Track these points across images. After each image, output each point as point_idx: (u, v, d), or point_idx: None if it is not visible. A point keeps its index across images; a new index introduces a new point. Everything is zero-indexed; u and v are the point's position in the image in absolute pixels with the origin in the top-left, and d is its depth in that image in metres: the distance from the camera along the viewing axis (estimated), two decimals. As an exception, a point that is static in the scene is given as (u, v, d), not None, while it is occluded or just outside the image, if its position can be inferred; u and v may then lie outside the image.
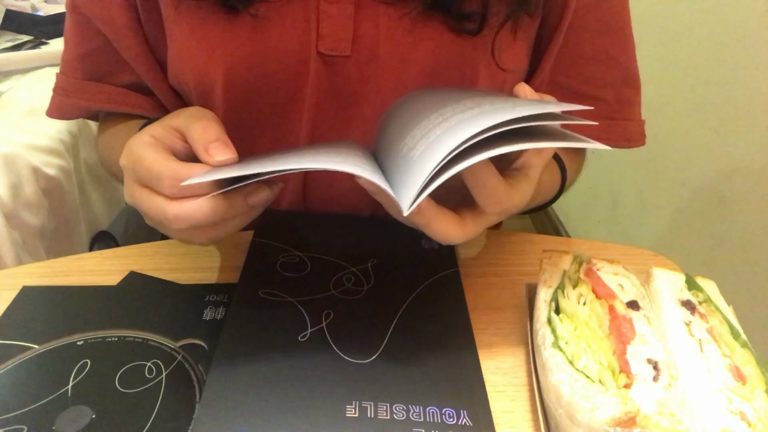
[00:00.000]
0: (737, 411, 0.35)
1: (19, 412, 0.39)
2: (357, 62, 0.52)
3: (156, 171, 0.38)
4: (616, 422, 0.33)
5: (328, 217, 0.60)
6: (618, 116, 0.61)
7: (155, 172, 0.38)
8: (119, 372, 0.42)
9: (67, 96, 0.59)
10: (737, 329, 0.41)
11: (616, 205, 1.56)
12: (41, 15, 1.41)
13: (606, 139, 0.62)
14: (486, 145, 0.32)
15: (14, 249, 0.85)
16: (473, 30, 0.50)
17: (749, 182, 1.06)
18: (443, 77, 0.52)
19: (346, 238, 0.56)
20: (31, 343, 0.44)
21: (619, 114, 0.61)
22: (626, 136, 0.62)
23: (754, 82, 1.04)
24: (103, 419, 0.39)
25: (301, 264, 0.52)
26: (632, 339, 0.39)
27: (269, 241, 0.54)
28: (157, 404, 0.40)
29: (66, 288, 0.50)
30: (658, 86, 1.29)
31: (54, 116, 0.61)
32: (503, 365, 0.44)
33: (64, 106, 0.60)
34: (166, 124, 0.41)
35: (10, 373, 0.42)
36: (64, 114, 0.61)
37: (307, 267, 0.52)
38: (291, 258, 0.52)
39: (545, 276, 0.45)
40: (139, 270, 0.52)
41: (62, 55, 0.59)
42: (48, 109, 0.61)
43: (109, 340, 0.45)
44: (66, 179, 0.99)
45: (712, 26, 1.14)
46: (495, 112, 0.33)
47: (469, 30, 0.50)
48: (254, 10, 0.49)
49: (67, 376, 0.41)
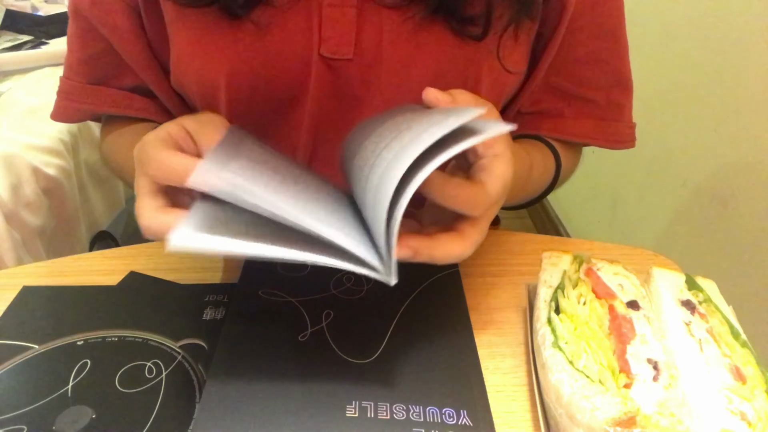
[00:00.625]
0: (737, 411, 0.35)
1: (19, 412, 0.39)
2: (359, 66, 0.52)
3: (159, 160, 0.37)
4: (616, 422, 0.33)
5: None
6: (609, 117, 0.62)
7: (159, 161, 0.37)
8: (119, 372, 0.42)
9: (70, 100, 0.60)
10: (737, 329, 0.41)
11: (616, 205, 1.56)
12: (41, 15, 1.41)
13: (596, 138, 0.63)
14: (417, 170, 0.32)
15: (14, 249, 0.85)
16: (477, 35, 0.51)
17: (749, 182, 1.06)
18: (446, 80, 0.52)
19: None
20: (31, 343, 0.44)
21: (608, 115, 0.62)
22: (616, 137, 0.63)
23: (754, 82, 1.04)
24: (103, 419, 0.39)
25: (301, 264, 0.52)
26: (632, 339, 0.39)
27: None
28: (158, 404, 0.40)
29: (66, 288, 0.50)
30: (658, 86, 1.29)
31: (59, 120, 0.62)
32: (503, 365, 0.44)
33: (68, 109, 0.60)
34: (180, 124, 0.41)
35: (10, 373, 0.42)
36: (69, 117, 0.62)
37: (307, 267, 0.52)
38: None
39: (545, 276, 0.45)
40: (139, 270, 0.52)
41: (66, 60, 0.60)
42: (52, 113, 0.62)
43: (109, 340, 0.45)
44: (66, 179, 0.99)
45: (712, 26, 1.14)
46: (414, 141, 0.32)
47: (473, 35, 0.51)
48: (256, 16, 0.49)
49: (68, 376, 0.41)
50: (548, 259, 0.47)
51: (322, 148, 0.56)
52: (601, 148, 0.64)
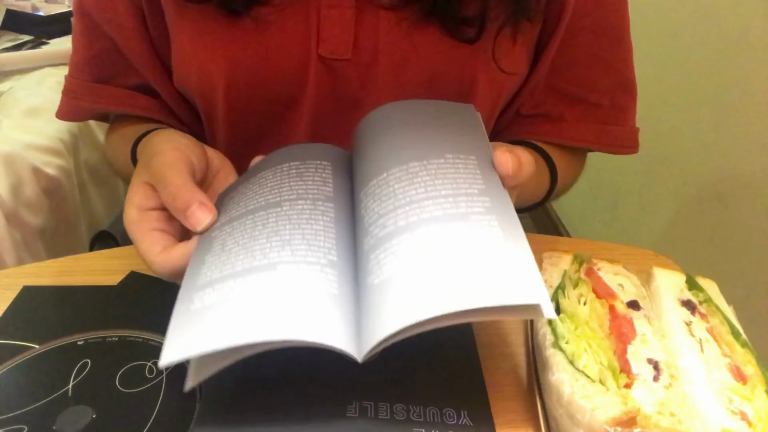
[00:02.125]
0: (737, 411, 0.35)
1: (19, 412, 0.39)
2: (357, 66, 0.52)
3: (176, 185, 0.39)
4: (616, 422, 0.33)
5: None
6: (611, 121, 0.61)
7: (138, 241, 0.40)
8: (120, 372, 0.42)
9: (75, 98, 0.60)
10: (737, 329, 0.41)
11: (617, 204, 1.56)
12: (41, 15, 1.41)
13: (598, 143, 0.61)
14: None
15: (14, 249, 0.85)
16: (471, 38, 0.51)
17: (749, 182, 1.06)
18: (442, 81, 0.52)
19: None
20: (31, 343, 0.44)
21: (612, 119, 0.61)
22: (618, 141, 0.62)
23: (754, 82, 1.04)
24: (103, 419, 0.39)
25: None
26: (633, 339, 0.39)
27: None
28: (158, 404, 0.40)
29: (67, 288, 0.50)
30: (658, 86, 1.29)
31: (64, 118, 0.62)
32: (503, 365, 0.44)
33: (73, 108, 0.61)
34: (141, 182, 0.41)
35: (11, 373, 0.42)
36: (74, 116, 0.62)
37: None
38: None
39: (546, 276, 0.45)
40: (139, 270, 0.52)
41: (71, 59, 0.60)
42: (58, 112, 0.62)
43: (109, 340, 0.45)
44: (66, 179, 0.99)
45: (712, 26, 1.14)
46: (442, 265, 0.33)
47: (467, 38, 0.51)
48: (255, 13, 0.50)
49: (68, 375, 0.41)
50: (549, 259, 0.47)
51: None
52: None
